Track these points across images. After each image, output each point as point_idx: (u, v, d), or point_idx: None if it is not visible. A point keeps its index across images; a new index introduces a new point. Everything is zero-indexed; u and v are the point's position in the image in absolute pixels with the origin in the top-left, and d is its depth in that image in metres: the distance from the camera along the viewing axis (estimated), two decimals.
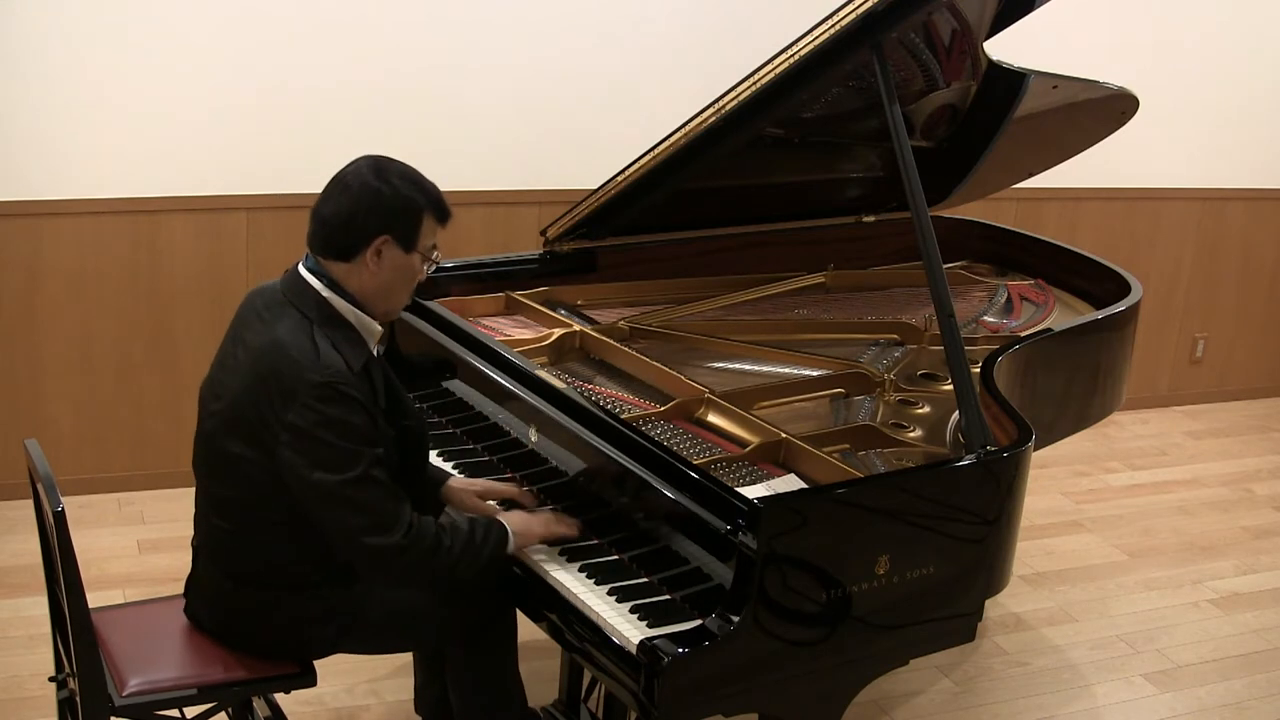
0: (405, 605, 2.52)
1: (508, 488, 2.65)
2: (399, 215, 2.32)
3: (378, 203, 2.31)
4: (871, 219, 3.91)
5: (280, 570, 2.41)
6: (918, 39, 3.14)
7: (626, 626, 2.21)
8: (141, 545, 4.04)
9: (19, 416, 4.23)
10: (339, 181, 2.35)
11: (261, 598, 2.42)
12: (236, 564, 2.43)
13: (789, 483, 2.48)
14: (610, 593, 2.30)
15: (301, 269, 2.37)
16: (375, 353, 2.41)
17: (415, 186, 2.35)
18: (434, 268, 2.45)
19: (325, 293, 2.34)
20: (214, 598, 2.48)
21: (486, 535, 2.39)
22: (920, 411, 2.94)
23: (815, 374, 3.06)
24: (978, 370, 2.82)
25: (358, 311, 2.36)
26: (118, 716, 2.34)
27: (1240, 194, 5.83)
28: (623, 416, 2.60)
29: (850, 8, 2.72)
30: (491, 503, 2.60)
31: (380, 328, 2.41)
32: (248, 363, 2.32)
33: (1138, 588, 4.19)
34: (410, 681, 3.27)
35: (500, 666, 2.64)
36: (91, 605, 2.31)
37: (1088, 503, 4.84)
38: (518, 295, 3.36)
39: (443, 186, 2.46)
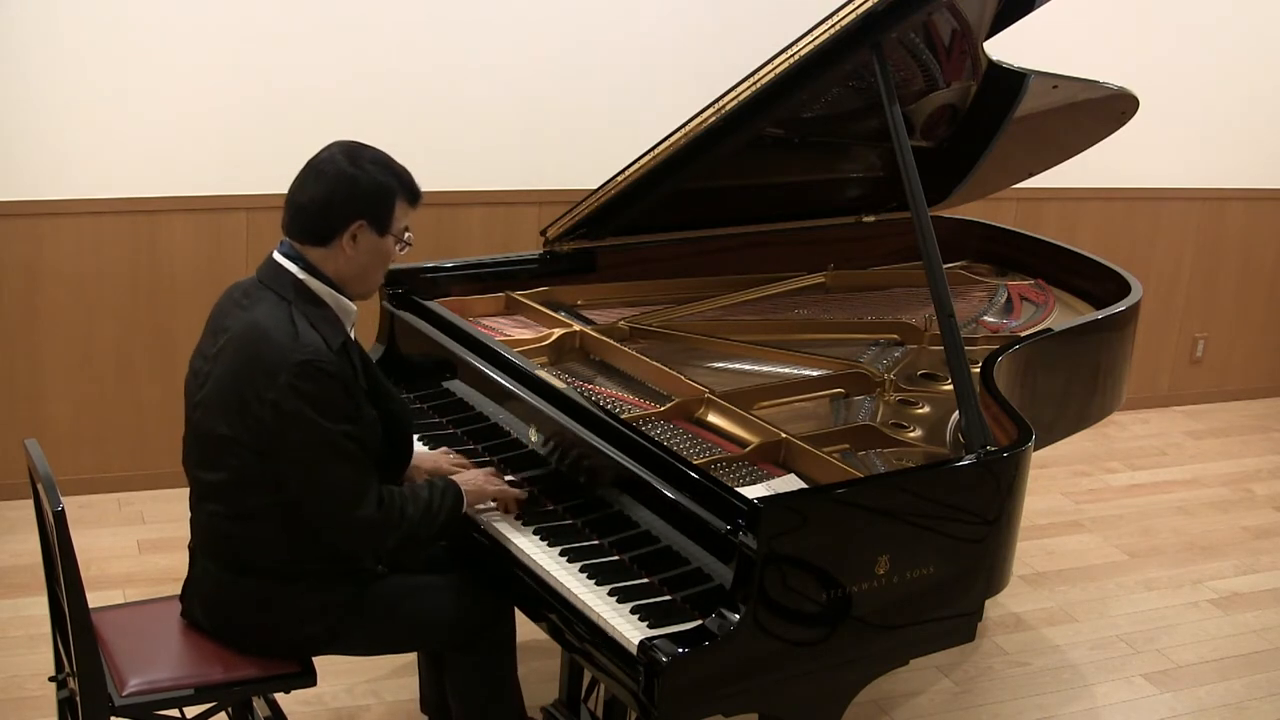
0: (403, 606, 2.53)
1: (461, 459, 2.72)
2: (373, 200, 2.38)
3: (353, 188, 2.36)
4: (871, 219, 3.91)
5: (274, 558, 2.42)
6: (918, 39, 3.14)
7: (627, 627, 2.21)
8: (141, 545, 4.04)
9: (19, 416, 4.23)
10: (313, 168, 2.40)
11: (257, 588, 2.43)
12: (232, 553, 2.43)
13: (789, 483, 2.48)
14: (611, 593, 2.30)
15: (277, 255, 2.42)
16: (351, 334, 2.45)
17: (388, 171, 2.41)
18: (407, 249, 2.49)
19: (302, 275, 2.39)
20: (211, 594, 2.48)
21: (443, 499, 2.48)
22: (920, 411, 2.94)
23: (815, 374, 3.06)
24: (978, 370, 2.82)
25: (334, 293, 2.41)
26: (118, 716, 2.35)
27: (1240, 194, 5.83)
28: (623, 416, 2.60)
29: (850, 8, 2.72)
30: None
31: (355, 308, 2.46)
32: (230, 348, 2.36)
33: (1138, 588, 4.19)
34: (411, 682, 3.28)
35: (499, 671, 2.64)
36: (91, 605, 2.32)
37: (1088, 503, 4.84)
38: (518, 295, 3.36)
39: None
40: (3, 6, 3.92)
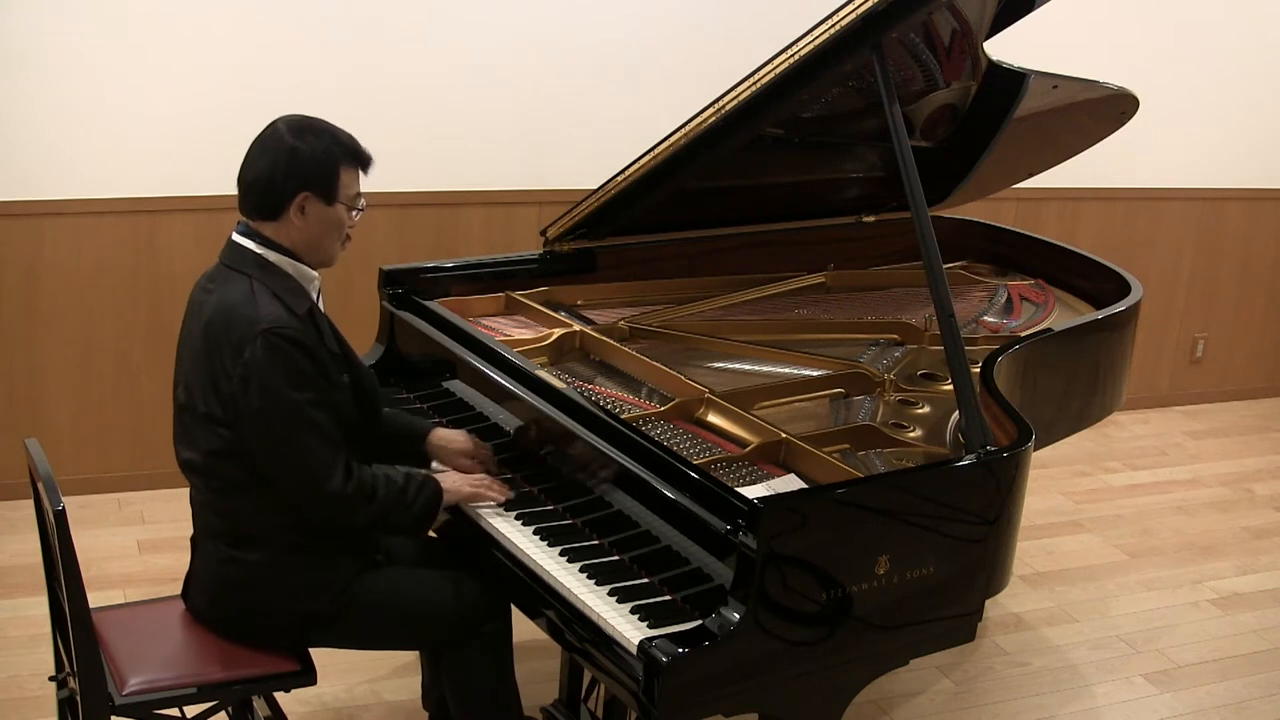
0: (402, 595, 2.54)
1: (487, 451, 2.74)
2: (316, 170, 2.40)
3: (294, 161, 2.38)
4: (871, 219, 3.91)
5: (270, 529, 2.44)
6: (918, 39, 3.14)
7: (626, 627, 2.21)
8: (141, 545, 4.04)
9: (19, 416, 4.23)
10: (258, 144, 2.43)
11: (256, 563, 2.44)
12: (229, 528, 2.45)
13: (789, 483, 2.48)
14: (611, 593, 2.31)
15: (235, 235, 2.47)
16: (317, 300, 2.48)
17: (329, 140, 2.42)
18: (360, 214, 2.50)
19: (259, 250, 2.43)
20: (212, 575, 2.49)
21: (420, 491, 2.51)
22: (920, 411, 2.94)
23: (815, 374, 3.06)
24: (978, 370, 2.82)
25: (294, 262, 2.45)
26: (118, 716, 2.35)
27: (1240, 194, 5.83)
28: (623, 416, 2.60)
29: (850, 8, 2.72)
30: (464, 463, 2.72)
31: (317, 275, 2.49)
32: (199, 331, 2.41)
33: (1138, 588, 4.19)
34: (410, 682, 3.29)
35: (496, 669, 2.64)
36: (91, 605, 2.32)
37: (1088, 503, 4.84)
38: (518, 295, 3.36)
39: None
40: (3, 6, 3.92)
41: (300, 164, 2.38)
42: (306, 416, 2.35)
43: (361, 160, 2.46)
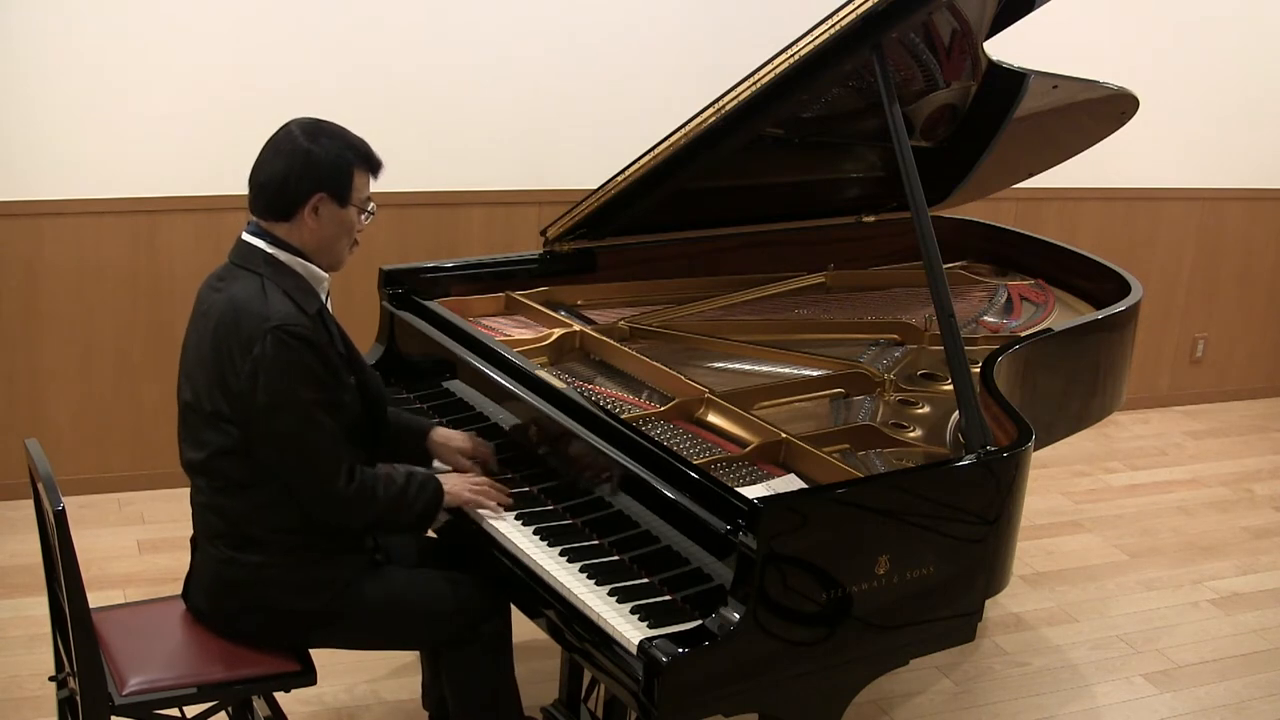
0: (402, 593, 2.55)
1: (488, 450, 2.74)
2: (330, 172, 2.42)
3: (309, 163, 2.40)
4: (871, 219, 3.91)
5: (272, 529, 2.44)
6: (918, 39, 3.14)
7: (627, 627, 2.21)
8: (141, 545, 4.04)
9: (19, 416, 4.23)
10: (272, 146, 2.45)
11: (257, 563, 2.44)
12: (230, 528, 2.45)
13: (789, 483, 2.48)
14: (611, 593, 2.31)
15: (245, 235, 2.47)
16: (326, 302, 2.50)
17: (343, 143, 2.45)
18: (370, 219, 2.53)
19: (271, 249, 2.44)
20: (212, 574, 2.49)
21: (420, 491, 2.52)
22: (920, 411, 2.94)
23: (815, 374, 3.06)
24: (978, 370, 2.82)
25: (304, 262, 2.46)
26: (118, 716, 2.35)
27: (1240, 194, 5.83)
28: (623, 416, 2.60)
29: (850, 8, 2.72)
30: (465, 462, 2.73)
31: (327, 276, 2.51)
32: (209, 328, 2.41)
33: (1138, 588, 4.19)
34: (410, 681, 3.29)
35: (496, 669, 2.65)
36: (91, 605, 2.32)
37: (1088, 503, 4.84)
38: (518, 295, 3.36)
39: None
40: (3, 6, 3.92)
41: (315, 165, 2.40)
42: (313, 416, 2.36)
43: (373, 164, 2.49)
